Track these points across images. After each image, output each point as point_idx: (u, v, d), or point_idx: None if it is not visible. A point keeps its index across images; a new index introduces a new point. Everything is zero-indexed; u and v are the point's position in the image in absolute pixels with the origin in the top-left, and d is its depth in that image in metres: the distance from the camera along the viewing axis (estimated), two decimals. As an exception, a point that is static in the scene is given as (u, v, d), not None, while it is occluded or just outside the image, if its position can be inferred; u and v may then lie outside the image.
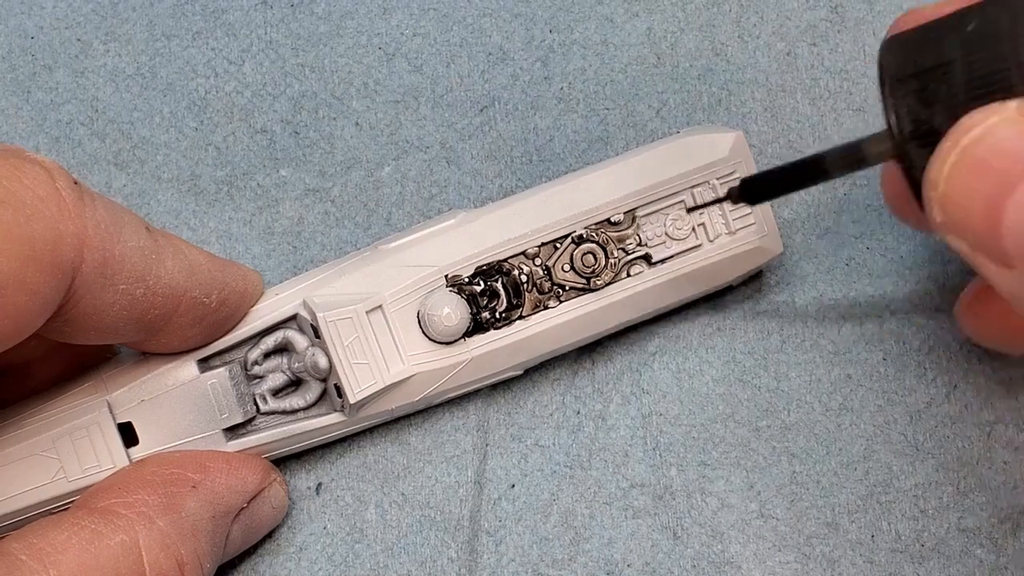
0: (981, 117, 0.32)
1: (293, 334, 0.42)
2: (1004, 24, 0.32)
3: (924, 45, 0.34)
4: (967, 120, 0.32)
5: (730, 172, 0.44)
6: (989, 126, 0.31)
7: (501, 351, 0.43)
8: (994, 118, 0.31)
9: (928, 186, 0.33)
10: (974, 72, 0.33)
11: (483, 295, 0.42)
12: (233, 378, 0.42)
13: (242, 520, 0.41)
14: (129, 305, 0.37)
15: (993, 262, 0.32)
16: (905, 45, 0.35)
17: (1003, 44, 0.32)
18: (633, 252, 0.43)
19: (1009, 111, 0.31)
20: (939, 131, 0.33)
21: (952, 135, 0.32)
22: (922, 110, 0.34)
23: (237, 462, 0.41)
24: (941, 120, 0.33)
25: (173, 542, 0.38)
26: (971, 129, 0.31)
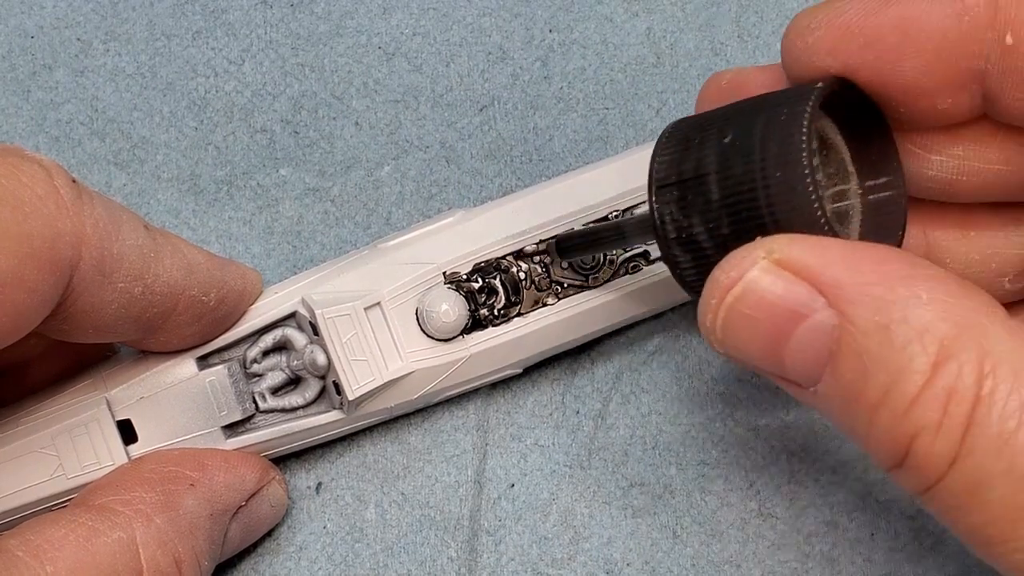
0: (736, 273, 0.32)
1: (292, 332, 0.42)
2: (756, 140, 0.33)
3: (687, 150, 0.34)
4: (723, 276, 0.32)
5: None
6: (748, 282, 0.32)
7: (500, 348, 0.43)
8: (752, 271, 0.32)
9: (706, 332, 0.33)
10: (726, 189, 0.33)
11: (481, 292, 0.42)
12: (232, 376, 0.42)
13: (240, 518, 0.41)
14: (127, 303, 0.37)
15: (785, 384, 0.33)
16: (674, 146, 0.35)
17: (752, 164, 0.32)
18: (631, 250, 0.43)
19: (759, 261, 0.31)
20: (698, 241, 0.34)
21: (715, 291, 0.32)
22: (683, 219, 0.34)
23: (235, 460, 0.41)
24: (699, 231, 0.34)
25: (170, 540, 0.38)
26: (731, 286, 0.32)
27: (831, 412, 0.32)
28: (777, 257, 0.31)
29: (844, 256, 0.31)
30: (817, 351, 0.31)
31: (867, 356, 0.30)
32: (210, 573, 0.40)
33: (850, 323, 0.30)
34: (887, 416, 0.30)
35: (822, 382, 0.31)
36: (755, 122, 0.33)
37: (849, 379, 0.30)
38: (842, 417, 0.32)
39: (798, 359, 0.31)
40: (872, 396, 0.30)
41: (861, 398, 0.30)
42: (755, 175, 0.32)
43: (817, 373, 0.31)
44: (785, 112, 0.33)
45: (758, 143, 0.32)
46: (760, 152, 0.32)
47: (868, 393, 0.30)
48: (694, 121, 0.35)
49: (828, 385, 0.31)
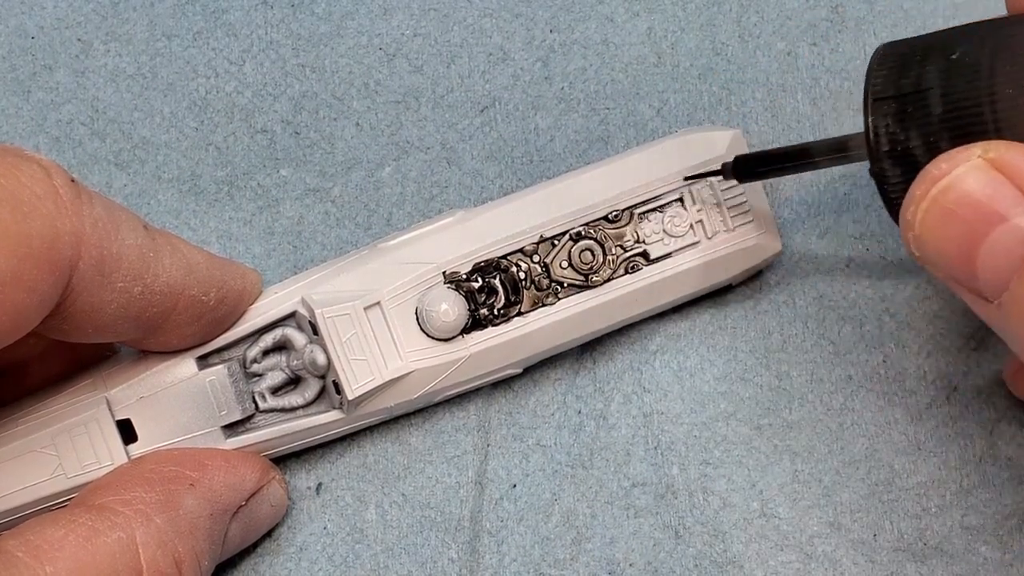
0: (947, 166, 0.32)
1: (292, 332, 0.42)
2: (984, 59, 0.33)
3: (908, 67, 0.35)
4: (934, 168, 0.33)
5: None
6: (955, 176, 0.32)
7: (499, 348, 0.43)
8: (960, 168, 0.32)
9: (904, 226, 0.34)
10: (950, 103, 0.34)
11: (481, 292, 0.42)
12: (232, 375, 0.42)
13: (240, 518, 0.41)
14: (127, 303, 0.37)
15: (971, 295, 0.33)
16: (892, 62, 0.36)
17: (979, 80, 0.33)
18: (631, 249, 0.43)
19: (973, 159, 0.32)
20: (914, 155, 0.34)
21: (922, 182, 0.33)
22: (899, 131, 0.35)
23: (235, 460, 0.41)
24: (916, 144, 0.34)
25: (170, 540, 0.37)
26: (939, 179, 0.32)
27: (1011, 327, 0.32)
28: (992, 156, 0.32)
29: None
30: (1010, 256, 0.31)
31: None
32: (210, 573, 0.40)
33: None
34: None
35: (1008, 291, 0.32)
36: (983, 43, 0.34)
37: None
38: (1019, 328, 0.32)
39: (989, 263, 0.32)
40: None
41: None
42: (983, 91, 0.33)
43: (1005, 281, 0.32)
44: (1016, 33, 0.33)
45: (987, 61, 0.33)
46: (989, 69, 0.33)
47: None
48: (912, 41, 0.36)
49: (1013, 293, 0.31)
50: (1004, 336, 0.34)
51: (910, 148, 0.35)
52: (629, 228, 0.43)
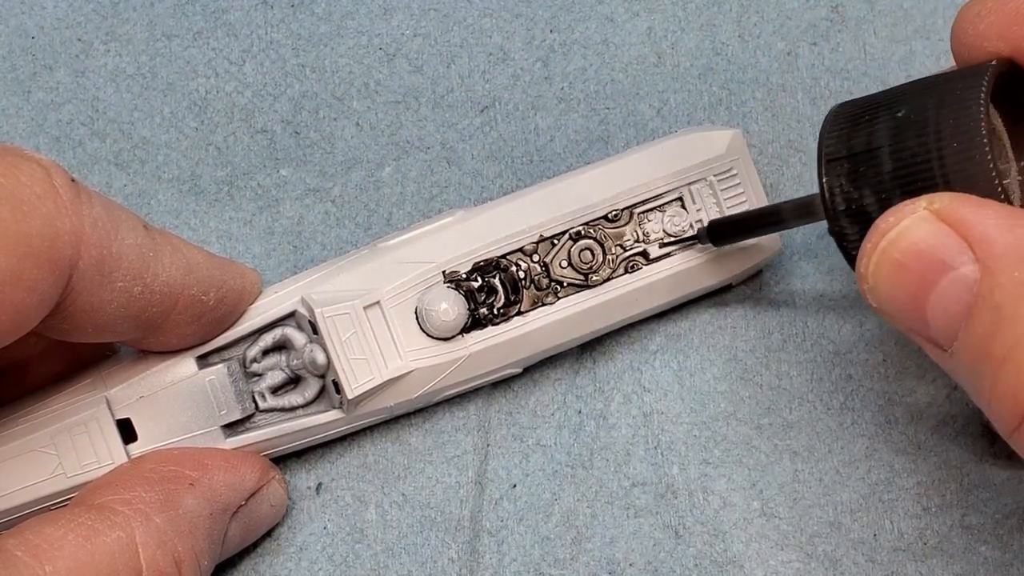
0: (894, 219, 0.33)
1: (291, 331, 0.42)
2: (930, 115, 0.34)
3: (858, 127, 0.36)
4: (882, 222, 0.34)
5: (727, 169, 0.44)
6: (902, 228, 0.33)
7: (499, 347, 0.43)
8: (907, 220, 0.33)
9: (859, 278, 0.35)
10: (899, 160, 0.34)
11: (481, 291, 0.42)
12: (231, 375, 0.42)
13: (240, 518, 0.41)
14: (127, 302, 0.37)
15: (928, 344, 0.34)
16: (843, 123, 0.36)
17: (926, 136, 0.34)
18: (631, 249, 0.43)
19: (919, 211, 0.33)
20: (868, 212, 0.35)
21: (872, 236, 0.34)
22: (853, 190, 0.36)
23: (235, 459, 0.41)
24: (869, 202, 0.35)
25: (170, 539, 0.37)
26: (888, 231, 0.33)
27: (961, 372, 0.33)
28: (937, 207, 0.32)
29: (999, 216, 0.32)
30: (957, 304, 0.32)
31: (1001, 311, 0.31)
32: (210, 572, 0.40)
33: (991, 276, 0.31)
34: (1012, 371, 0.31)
35: (957, 339, 0.32)
36: (928, 98, 0.34)
37: (981, 333, 0.31)
38: (971, 375, 0.32)
39: (939, 312, 0.32)
40: (999, 351, 0.31)
41: (990, 352, 0.31)
42: (930, 146, 0.34)
43: (955, 329, 0.32)
44: (960, 87, 0.34)
45: (932, 116, 0.34)
46: (935, 124, 0.34)
47: (996, 347, 0.31)
48: (860, 102, 0.37)
49: (962, 342, 0.32)
50: (960, 384, 0.34)
51: (864, 206, 0.35)
52: (629, 228, 0.43)
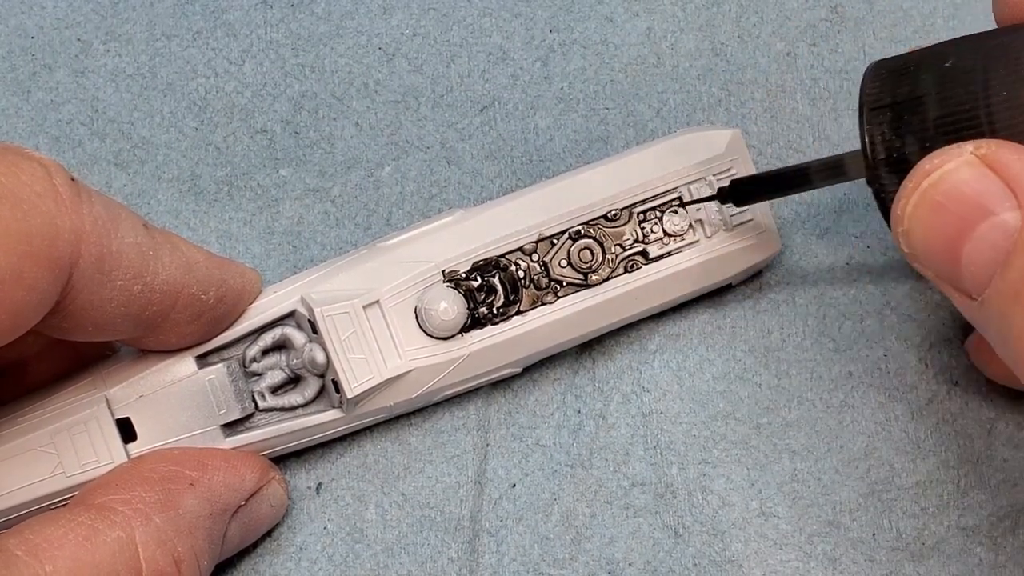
0: (939, 161, 0.33)
1: (291, 331, 0.42)
2: (978, 65, 0.34)
3: (903, 76, 0.36)
4: (926, 163, 0.33)
5: (726, 169, 0.44)
6: (946, 171, 0.33)
7: (499, 346, 0.43)
8: (951, 163, 0.33)
9: (894, 221, 0.34)
10: (945, 108, 0.34)
11: (480, 290, 0.42)
12: (231, 374, 0.42)
13: (240, 518, 0.41)
14: (127, 301, 0.37)
15: (956, 293, 0.34)
16: (886, 74, 0.36)
17: (975, 84, 0.34)
18: (630, 248, 0.43)
19: (965, 155, 0.33)
20: (910, 160, 0.35)
21: (913, 177, 0.34)
22: (895, 139, 0.35)
23: (235, 460, 0.41)
24: (912, 151, 0.35)
25: (170, 539, 0.37)
26: (930, 173, 0.33)
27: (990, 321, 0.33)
28: (984, 152, 0.32)
29: None
30: (994, 251, 0.32)
31: None
32: (210, 572, 0.40)
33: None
34: None
35: (990, 287, 0.32)
36: (976, 50, 0.34)
37: (1015, 279, 0.31)
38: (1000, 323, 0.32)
39: (974, 258, 0.32)
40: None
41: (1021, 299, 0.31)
42: (978, 94, 0.34)
43: (988, 276, 0.32)
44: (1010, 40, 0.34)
45: (981, 66, 0.34)
46: (983, 73, 0.34)
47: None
48: (904, 56, 0.37)
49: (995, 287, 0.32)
50: (986, 334, 0.34)
51: (906, 155, 0.35)
52: (628, 227, 0.43)
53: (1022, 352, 0.32)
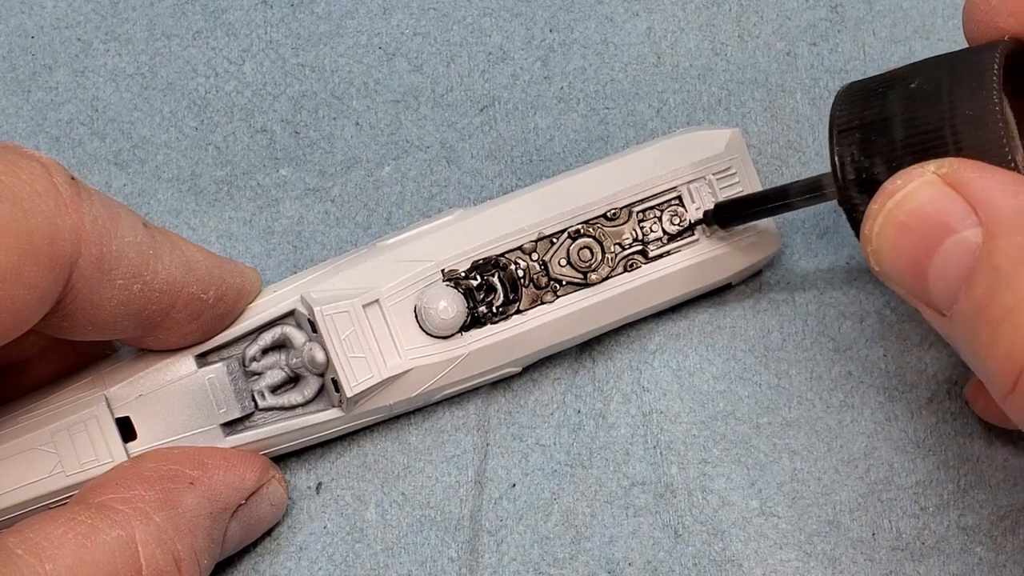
0: (902, 182, 0.34)
1: (291, 330, 0.42)
2: (943, 85, 0.35)
3: (871, 98, 0.36)
4: (890, 184, 0.34)
5: (726, 168, 0.44)
6: (908, 191, 0.33)
7: (498, 345, 0.43)
8: (914, 183, 0.33)
9: (863, 240, 0.35)
10: (912, 128, 0.35)
11: (480, 289, 0.42)
12: (231, 373, 0.42)
13: (240, 517, 0.41)
14: (126, 300, 0.37)
15: (927, 309, 0.34)
16: (854, 96, 0.37)
17: (940, 104, 0.34)
18: (630, 247, 0.43)
19: (927, 174, 0.33)
20: (878, 181, 0.35)
21: (879, 197, 0.34)
22: (863, 159, 0.36)
23: (235, 459, 0.41)
24: (880, 170, 0.36)
25: (170, 538, 0.37)
26: (893, 194, 0.34)
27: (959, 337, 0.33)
28: (945, 171, 0.33)
29: (1006, 182, 0.32)
30: (958, 268, 0.32)
31: (1000, 274, 0.31)
32: (210, 571, 0.40)
33: (992, 240, 0.32)
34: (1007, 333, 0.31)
35: (957, 303, 0.33)
36: (942, 70, 0.35)
37: (979, 295, 0.32)
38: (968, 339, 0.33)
39: (940, 275, 0.33)
40: (997, 312, 0.31)
41: (987, 315, 0.31)
42: (943, 113, 0.34)
43: (955, 292, 0.33)
44: (974, 58, 0.34)
45: (946, 85, 0.34)
46: (948, 93, 0.34)
47: (994, 310, 0.31)
48: (872, 78, 0.37)
49: (961, 304, 0.32)
50: (957, 349, 0.35)
51: (874, 174, 0.36)
52: (628, 226, 0.43)
53: (989, 365, 0.32)
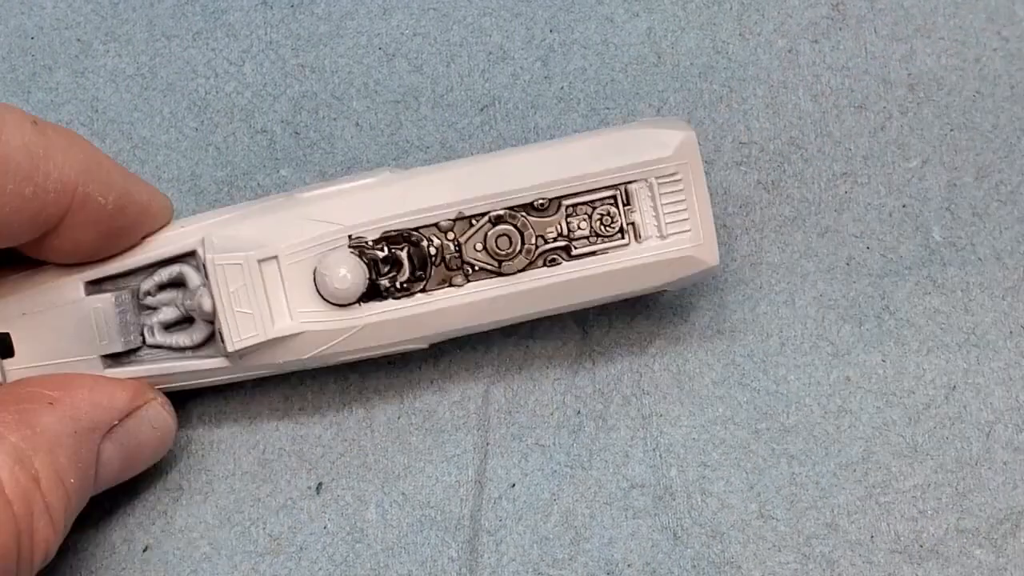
0: None
1: (189, 270, 0.41)
2: None
3: None
4: None
5: (672, 173, 0.41)
6: None
7: (397, 322, 0.41)
8: None
9: None
10: None
11: (385, 262, 0.41)
12: (120, 306, 0.41)
13: (116, 439, 0.40)
14: (20, 206, 0.37)
15: None
16: None
17: None
18: (553, 242, 0.41)
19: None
20: None
21: None
22: None
23: (104, 381, 0.40)
24: None
25: (26, 456, 0.37)
26: None
27: None
28: None
29: None
30: None
31: None
32: (84, 494, 0.39)
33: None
34: None
35: None
36: None
37: None
38: None
39: None
40: None
41: None
42: None
43: None
44: None
45: None
46: None
47: None
48: None
49: None
50: None
51: None
52: (555, 219, 0.41)
53: None
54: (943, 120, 0.47)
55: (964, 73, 0.47)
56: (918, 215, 0.47)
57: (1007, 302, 0.46)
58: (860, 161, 0.47)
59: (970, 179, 0.47)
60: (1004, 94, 0.47)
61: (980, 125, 0.47)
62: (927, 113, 0.47)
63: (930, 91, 0.47)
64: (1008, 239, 0.46)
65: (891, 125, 0.47)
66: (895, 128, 0.47)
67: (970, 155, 0.47)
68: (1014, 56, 0.48)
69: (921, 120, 0.47)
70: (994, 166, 0.47)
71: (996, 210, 0.47)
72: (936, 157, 0.47)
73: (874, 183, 0.47)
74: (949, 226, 0.47)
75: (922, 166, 0.47)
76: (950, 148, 0.47)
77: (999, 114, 0.47)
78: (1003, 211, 0.47)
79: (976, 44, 0.48)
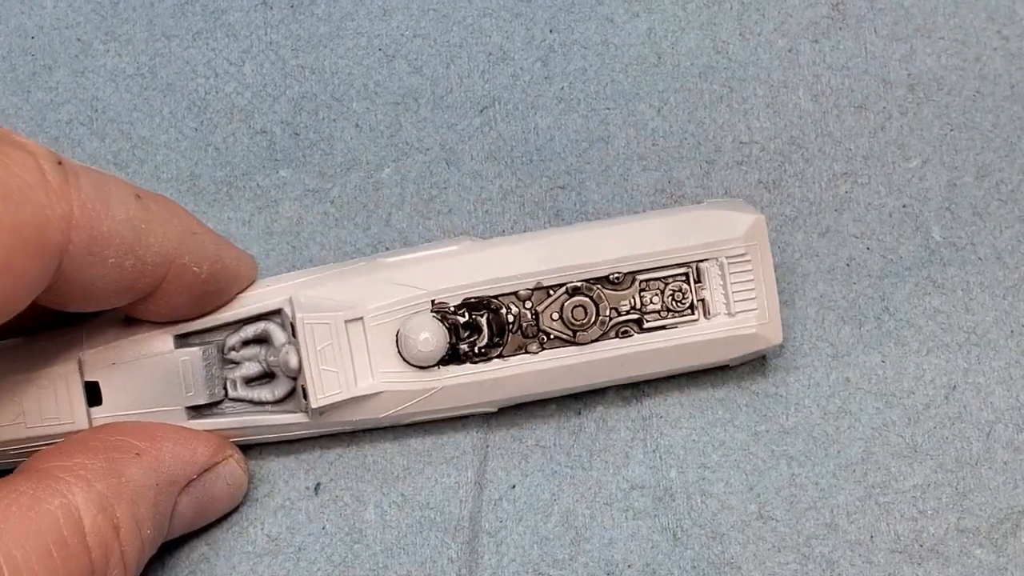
0: None
1: (274, 327, 0.42)
2: None
3: None
4: None
5: (742, 253, 0.43)
6: None
7: (473, 386, 0.42)
8: None
9: None
10: None
11: (466, 328, 0.42)
12: (206, 359, 0.42)
13: (193, 493, 0.41)
14: (119, 276, 0.37)
15: None
16: None
17: None
18: (626, 315, 0.43)
19: None
20: None
21: None
22: None
23: (188, 434, 0.41)
24: None
25: (110, 504, 0.37)
26: None
27: None
28: None
29: None
30: None
31: None
32: (156, 543, 0.40)
33: None
34: None
35: None
36: None
37: None
38: None
39: None
40: None
41: None
42: None
43: None
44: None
45: None
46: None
47: None
48: None
49: None
50: None
51: None
52: (628, 293, 0.43)
53: None
54: (943, 120, 0.47)
55: (964, 73, 0.47)
56: (918, 215, 0.47)
57: (1008, 302, 0.46)
58: (860, 161, 0.47)
59: (970, 179, 0.47)
60: (1004, 94, 0.47)
61: (980, 125, 0.47)
62: (927, 113, 0.47)
63: (930, 91, 0.47)
64: (1009, 238, 0.46)
65: (891, 125, 0.47)
66: (895, 128, 0.47)
67: (970, 155, 0.47)
68: (1014, 56, 0.48)
69: (921, 120, 0.47)
70: (994, 166, 0.47)
71: (996, 210, 0.47)
72: (936, 157, 0.47)
73: (874, 183, 0.47)
74: (949, 226, 0.47)
75: (922, 166, 0.47)
76: (950, 148, 0.47)
77: (999, 114, 0.47)
78: (1003, 210, 0.47)
79: (976, 44, 0.48)
